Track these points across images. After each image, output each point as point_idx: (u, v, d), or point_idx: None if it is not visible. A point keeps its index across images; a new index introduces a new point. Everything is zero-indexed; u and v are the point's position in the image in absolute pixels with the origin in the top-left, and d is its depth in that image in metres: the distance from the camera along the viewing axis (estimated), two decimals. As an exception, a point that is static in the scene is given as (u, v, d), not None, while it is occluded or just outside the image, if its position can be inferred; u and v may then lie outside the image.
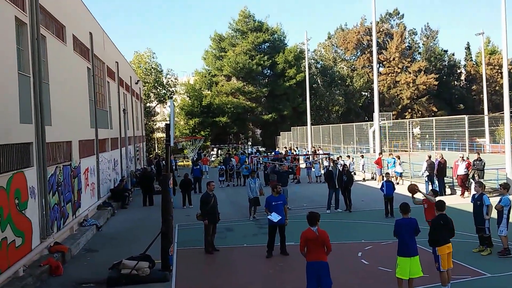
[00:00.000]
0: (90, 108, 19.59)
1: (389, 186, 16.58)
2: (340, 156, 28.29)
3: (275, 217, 11.84)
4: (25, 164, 11.58)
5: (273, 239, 12.00)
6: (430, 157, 21.59)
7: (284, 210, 12.15)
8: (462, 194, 20.25)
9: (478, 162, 20.00)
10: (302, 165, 31.22)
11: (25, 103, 11.83)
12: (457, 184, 20.93)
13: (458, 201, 18.98)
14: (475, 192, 11.95)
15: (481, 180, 18.79)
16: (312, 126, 43.16)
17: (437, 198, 10.58)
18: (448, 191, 21.41)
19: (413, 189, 11.63)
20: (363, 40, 65.56)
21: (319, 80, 62.52)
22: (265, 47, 59.45)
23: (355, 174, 26.72)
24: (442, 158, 21.24)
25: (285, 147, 44.39)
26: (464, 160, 20.32)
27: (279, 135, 55.88)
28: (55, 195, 13.91)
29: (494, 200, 11.69)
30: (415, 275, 8.42)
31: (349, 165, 24.21)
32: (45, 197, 12.50)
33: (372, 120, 30.73)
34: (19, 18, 11.71)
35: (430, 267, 9.15)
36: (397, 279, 8.52)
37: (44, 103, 12.75)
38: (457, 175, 20.39)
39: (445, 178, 21.40)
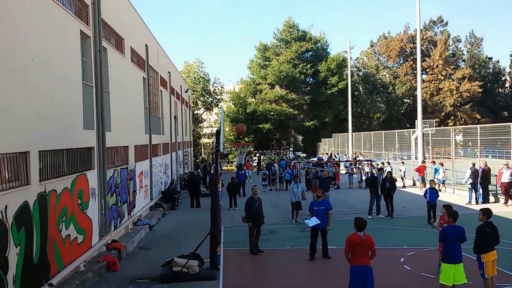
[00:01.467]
0: (145, 115, 20.57)
1: (432, 193, 16.41)
2: (389, 163, 28.47)
3: (311, 221, 12.17)
4: (87, 167, 12.27)
5: (315, 242, 12.23)
6: (474, 164, 21.34)
7: (327, 215, 12.36)
8: (506, 202, 19.97)
9: (524, 170, 19.47)
10: (343, 171, 31.62)
11: (88, 110, 12.44)
12: (500, 192, 20.74)
13: (502, 209, 18.76)
14: None
15: None
16: (353, 133, 43.33)
17: (482, 206, 10.44)
18: (492, 199, 21.12)
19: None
20: (406, 47, 64.90)
21: (360, 88, 62.39)
22: (308, 55, 60.05)
23: (396, 180, 26.87)
24: (486, 165, 20.97)
25: (326, 153, 44.80)
26: (509, 167, 19.89)
27: (320, 142, 56.25)
28: (113, 196, 14.63)
29: None
30: (459, 282, 8.43)
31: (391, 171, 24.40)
32: (104, 198, 13.14)
33: (414, 127, 30.75)
34: (84, 32, 12.45)
35: (474, 274, 9.05)
36: (441, 285, 8.55)
37: (105, 110, 13.40)
38: (501, 183, 20.05)
39: (489, 186, 21.11)
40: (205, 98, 58.06)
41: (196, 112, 58.06)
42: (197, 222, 17.91)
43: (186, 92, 39.92)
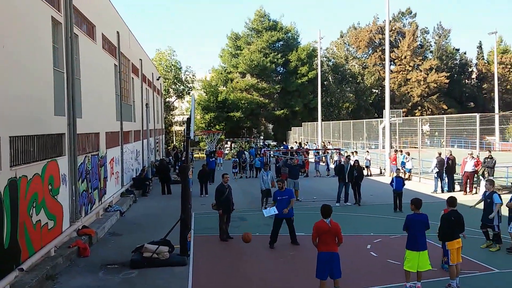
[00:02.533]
0: (116, 102, 20.48)
1: (398, 182, 16.89)
2: (356, 152, 29.14)
3: (268, 211, 12.47)
4: (58, 153, 12.21)
5: (277, 231, 12.34)
6: (440, 154, 21.89)
7: (290, 203, 12.47)
8: (465, 191, 20.58)
9: (489, 160, 19.91)
10: (312, 159, 32.14)
11: (59, 97, 12.36)
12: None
13: (461, 198, 19.35)
14: (486, 190, 11.93)
15: (491, 178, 19.34)
16: (322, 122, 44.00)
17: (447, 195, 10.78)
18: (457, 187, 21.66)
19: None
20: (375, 38, 66.08)
21: (330, 78, 63.31)
22: (279, 45, 60.52)
23: (364, 169, 27.50)
24: (451, 155, 21.49)
25: (296, 142, 45.34)
26: (473, 157, 20.57)
27: (291, 130, 56.93)
28: (84, 182, 14.60)
29: (505, 198, 11.88)
30: (423, 268, 8.60)
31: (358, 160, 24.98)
32: (75, 184, 13.12)
33: (382, 117, 31.48)
34: (55, 18, 12.33)
35: (439, 261, 9.40)
36: (405, 271, 8.70)
37: (76, 97, 13.34)
38: (464, 172, 20.66)
39: (454, 175, 21.70)
40: (177, 86, 57.91)
41: (167, 100, 57.73)
42: (168, 209, 18.04)
43: (157, 79, 39.64)
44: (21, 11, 10.23)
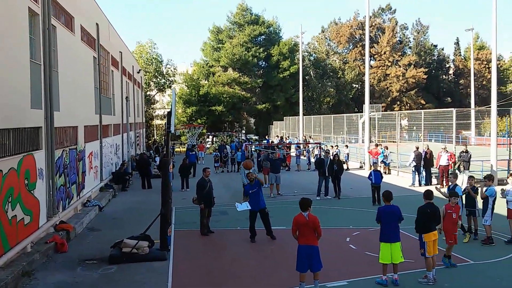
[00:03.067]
0: (95, 95, 20.22)
1: (377, 175, 17.11)
2: (337, 146, 29.36)
3: (241, 206, 12.46)
4: (34, 147, 11.99)
5: (253, 224, 12.36)
6: (417, 148, 22.26)
7: (260, 183, 12.55)
8: (441, 184, 20.70)
9: (464, 154, 20.30)
10: (293, 153, 32.32)
11: (36, 89, 12.13)
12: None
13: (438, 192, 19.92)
14: (450, 183, 12.27)
15: (457, 172, 19.79)
16: (304, 116, 44.22)
17: (424, 188, 11.04)
18: (434, 181, 21.98)
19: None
20: (355, 34, 66.59)
21: (311, 72, 63.59)
22: (261, 39, 60.50)
23: (344, 163, 27.80)
24: (429, 149, 21.90)
25: (277, 136, 45.51)
26: (447, 151, 20.98)
27: (272, 125, 57.08)
28: (62, 176, 14.36)
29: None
30: (396, 260, 8.76)
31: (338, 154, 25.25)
32: (52, 179, 12.88)
33: (362, 112, 31.79)
34: (32, 9, 12.10)
35: (416, 252, 9.50)
36: (382, 264, 8.88)
37: (53, 89, 13.08)
38: (439, 166, 21.01)
39: (431, 169, 22.02)
40: (158, 79, 57.31)
41: (148, 93, 57.17)
42: (148, 203, 17.92)
43: (138, 72, 39.22)
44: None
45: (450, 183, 12.28)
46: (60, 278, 9.69)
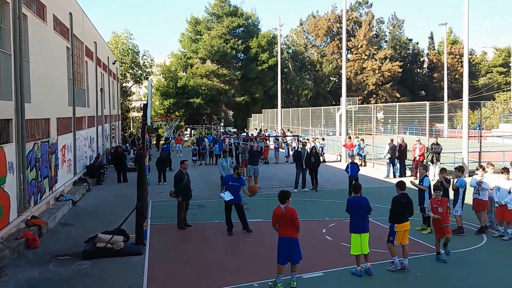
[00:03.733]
0: (68, 87, 19.78)
1: (353, 168, 17.25)
2: (314, 138, 29.52)
3: (227, 195, 12.28)
4: (4, 140, 11.77)
5: (230, 217, 12.35)
6: (392, 140, 22.57)
7: (243, 190, 12.50)
8: (415, 175, 20.99)
9: (435, 146, 20.75)
10: (271, 146, 32.42)
11: (6, 80, 11.89)
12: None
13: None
14: (420, 175, 12.52)
15: (428, 164, 20.17)
16: (282, 109, 44.35)
17: (398, 179, 11.10)
18: (408, 172, 22.38)
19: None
20: (333, 27, 66.97)
21: (290, 65, 63.70)
22: (240, 31, 60.21)
23: (321, 155, 28.01)
24: (403, 141, 22.17)
25: (256, 129, 45.52)
26: (421, 143, 21.28)
27: (251, 117, 57.06)
28: (33, 170, 14.04)
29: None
30: (365, 251, 8.93)
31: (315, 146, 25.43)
32: (23, 172, 12.61)
33: (339, 105, 32.12)
34: None
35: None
36: (355, 256, 9.02)
37: (24, 80, 12.76)
38: (414, 158, 21.38)
39: (405, 161, 22.34)
40: (134, 70, 56.38)
41: (124, 85, 56.31)
42: (124, 197, 17.68)
43: (113, 63, 38.53)
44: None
45: (420, 175, 12.49)
46: (31, 275, 9.49)
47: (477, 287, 8.49)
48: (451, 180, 12.35)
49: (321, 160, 28.18)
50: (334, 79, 66.19)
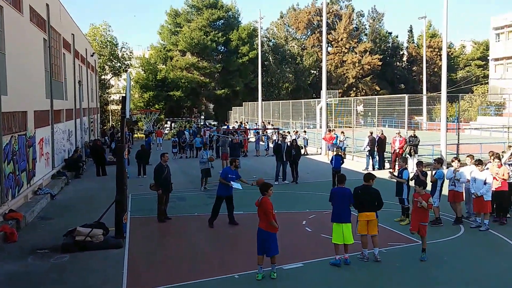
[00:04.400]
0: (46, 79, 19.50)
1: (337, 160, 17.34)
2: (289, 132, 29.69)
3: (236, 185, 12.43)
4: None
5: (218, 208, 12.41)
6: (371, 133, 22.76)
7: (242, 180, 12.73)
8: (393, 168, 21.23)
9: (413, 138, 21.08)
10: (252, 139, 32.47)
11: None
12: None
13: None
14: (399, 167, 12.66)
15: (407, 156, 20.42)
16: (263, 102, 44.38)
17: (377, 172, 11.25)
18: (387, 165, 22.61)
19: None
20: (313, 20, 67.08)
21: (270, 58, 63.66)
22: (220, 24, 59.87)
23: (302, 148, 28.18)
24: (382, 134, 22.42)
25: (236, 121, 45.49)
26: (401, 136, 21.58)
27: (231, 110, 56.94)
28: (10, 163, 13.89)
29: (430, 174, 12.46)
30: (348, 241, 9.07)
31: (297, 139, 25.57)
32: (0, 166, 12.54)
33: (320, 98, 32.27)
34: None
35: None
36: (334, 244, 9.14)
37: (0, 73, 12.64)
38: (394, 150, 21.58)
39: (384, 153, 22.66)
40: (113, 63, 55.56)
41: (103, 77, 55.45)
42: (103, 190, 17.57)
43: (92, 56, 38.01)
44: None
45: (399, 168, 12.63)
46: (10, 269, 9.38)
47: (454, 277, 8.66)
48: (430, 172, 12.53)
49: (304, 152, 28.62)
50: (315, 72, 66.40)
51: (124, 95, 12.29)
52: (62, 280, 8.83)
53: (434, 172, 12.31)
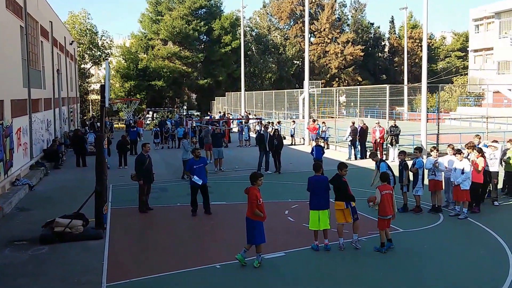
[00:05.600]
0: (23, 68, 19.09)
1: (318, 150, 17.33)
2: (272, 122, 29.65)
3: (198, 180, 12.23)
4: None
5: (195, 198, 12.43)
6: (353, 123, 22.93)
7: (205, 170, 12.53)
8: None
9: (394, 128, 21.20)
10: (235, 129, 32.37)
11: None
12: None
13: (371, 164, 20.72)
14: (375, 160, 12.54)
15: (388, 146, 20.75)
16: (245, 92, 44.23)
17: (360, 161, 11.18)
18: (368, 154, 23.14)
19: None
20: (296, 10, 66.89)
21: (253, 48, 63.39)
22: (202, 12, 59.23)
23: (285, 138, 28.19)
24: (364, 124, 22.61)
25: (220, 112, 45.28)
26: (380, 126, 21.74)
27: (214, 100, 56.62)
28: (-14, 153, 13.54)
29: (409, 164, 12.58)
30: (323, 227, 9.24)
31: (279, 129, 25.58)
32: None
33: (302, 88, 32.30)
34: None
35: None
36: (313, 231, 9.36)
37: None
38: (375, 140, 21.75)
39: (366, 143, 22.84)
40: (93, 52, 54.66)
41: (83, 66, 54.52)
42: (83, 181, 17.31)
43: (71, 44, 37.25)
44: None
45: (376, 161, 12.53)
46: (-14, 261, 9.16)
47: (433, 264, 8.78)
48: (409, 163, 12.64)
49: (292, 142, 28.68)
50: (298, 62, 66.40)
51: (102, 83, 12.12)
52: (41, 271, 8.68)
53: (413, 161, 12.40)
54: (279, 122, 30.03)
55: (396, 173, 12.46)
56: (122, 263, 9.08)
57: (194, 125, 26.02)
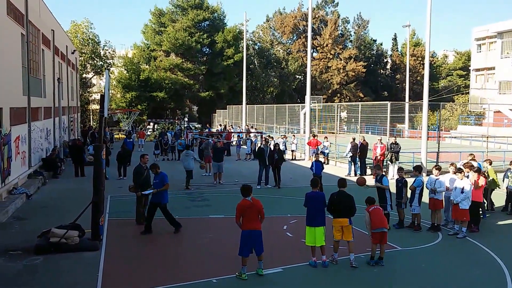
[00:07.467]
0: (23, 76, 19.02)
1: (318, 166, 17.26)
2: (272, 137, 29.60)
3: (149, 191, 12.12)
4: None
5: (151, 215, 12.06)
6: (354, 139, 22.87)
7: (164, 187, 12.16)
8: (374, 175, 21.83)
9: (394, 145, 21.18)
10: (234, 142, 32.30)
11: None
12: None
13: (372, 181, 20.60)
14: (376, 175, 12.61)
15: (388, 163, 20.61)
16: (247, 105, 44.28)
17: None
18: (368, 171, 22.51)
19: (362, 182, 11.72)
20: (299, 25, 67.32)
21: (256, 61, 63.68)
22: (205, 25, 59.60)
23: (285, 153, 28.06)
24: (364, 140, 22.56)
25: (220, 124, 45.27)
26: (382, 143, 21.66)
27: (215, 113, 56.68)
28: (-16, 161, 13.43)
29: (410, 181, 12.50)
30: (319, 243, 9.20)
31: (282, 143, 25.52)
32: None
33: (304, 103, 32.30)
34: None
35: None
36: (310, 247, 9.32)
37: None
38: (376, 157, 21.65)
39: (366, 160, 22.71)
40: (95, 61, 54.86)
41: (84, 76, 54.69)
42: (81, 191, 17.15)
43: (72, 53, 37.37)
44: None
45: (376, 175, 12.55)
46: (-21, 270, 9.03)
47: (431, 283, 8.67)
48: (407, 180, 12.57)
49: (293, 157, 28.56)
50: (300, 77, 66.58)
51: (102, 93, 12.14)
52: (34, 281, 8.57)
53: (413, 180, 12.34)
54: (284, 137, 29.96)
55: (394, 189, 12.41)
56: (117, 275, 8.95)
57: (194, 137, 25.94)
